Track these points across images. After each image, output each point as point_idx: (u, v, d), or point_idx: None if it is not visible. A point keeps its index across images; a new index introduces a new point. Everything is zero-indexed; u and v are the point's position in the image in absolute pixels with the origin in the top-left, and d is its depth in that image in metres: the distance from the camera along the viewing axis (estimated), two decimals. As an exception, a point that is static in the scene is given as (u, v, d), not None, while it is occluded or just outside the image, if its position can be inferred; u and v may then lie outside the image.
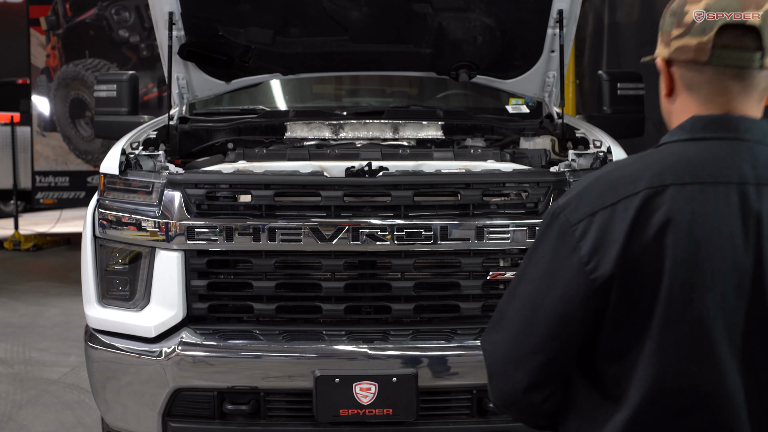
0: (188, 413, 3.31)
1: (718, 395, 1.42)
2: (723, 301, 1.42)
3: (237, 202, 3.34)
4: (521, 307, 1.53)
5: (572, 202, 1.52)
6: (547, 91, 4.43)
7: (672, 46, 1.55)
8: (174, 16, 4.08)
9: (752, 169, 1.46)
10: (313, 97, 5.19)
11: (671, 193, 1.44)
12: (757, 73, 1.50)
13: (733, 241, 1.43)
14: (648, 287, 1.43)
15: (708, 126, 1.51)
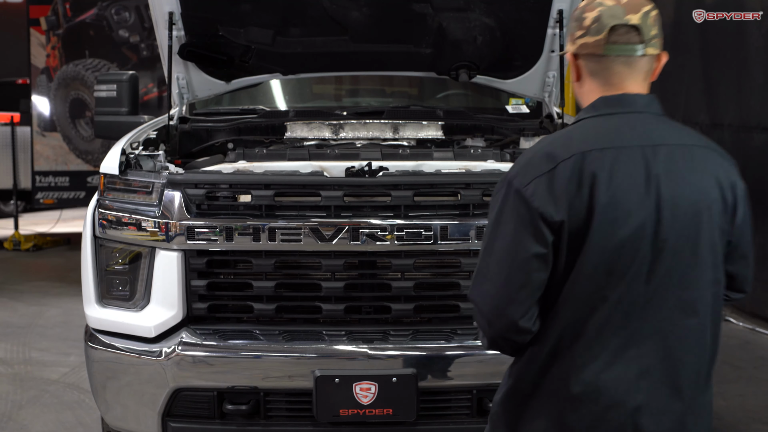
0: (188, 413, 3.32)
1: (623, 296, 1.91)
2: (631, 235, 1.90)
3: (237, 202, 3.35)
4: (502, 258, 1.94)
5: (520, 171, 1.96)
6: (547, 91, 4.43)
7: (576, 44, 2.04)
8: (174, 16, 4.08)
9: (646, 134, 1.96)
10: (313, 97, 5.19)
11: (594, 156, 1.91)
12: (640, 59, 2.00)
13: (638, 189, 1.91)
14: (582, 226, 1.90)
15: (612, 104, 2.00)
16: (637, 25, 1.97)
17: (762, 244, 6.39)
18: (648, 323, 1.93)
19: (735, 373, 5.57)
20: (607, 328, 1.93)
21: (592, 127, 1.99)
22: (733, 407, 4.93)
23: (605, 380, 1.92)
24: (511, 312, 1.93)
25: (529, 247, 1.91)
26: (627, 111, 2.00)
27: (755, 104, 6.43)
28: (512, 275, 1.93)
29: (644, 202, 1.91)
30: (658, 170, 1.93)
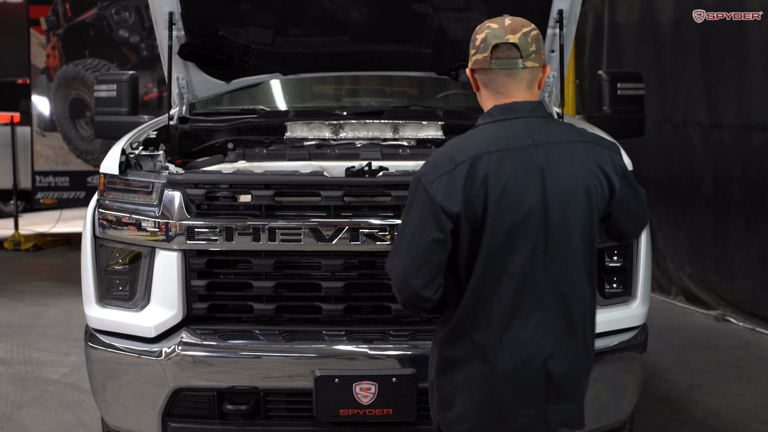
0: (188, 413, 3.32)
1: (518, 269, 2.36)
2: (523, 219, 2.34)
3: (237, 202, 3.34)
4: (410, 239, 2.39)
5: (428, 170, 2.39)
6: (547, 91, 4.42)
7: (471, 60, 2.47)
8: (174, 16, 4.08)
9: (530, 136, 2.39)
10: (313, 97, 5.19)
11: (485, 159, 2.34)
12: (521, 71, 2.43)
13: (526, 183, 2.34)
14: (480, 215, 2.34)
15: (503, 112, 2.43)
16: (516, 43, 2.42)
17: (762, 244, 6.39)
18: (547, 289, 2.39)
19: (735, 373, 5.57)
20: (515, 297, 2.37)
21: (487, 132, 2.41)
22: (733, 407, 4.94)
23: (521, 340, 2.39)
24: (414, 284, 2.39)
25: (430, 233, 2.36)
26: (516, 117, 2.42)
27: (755, 104, 6.43)
28: (416, 255, 2.38)
29: (532, 191, 2.35)
30: (542, 165, 2.36)
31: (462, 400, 2.45)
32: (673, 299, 7.49)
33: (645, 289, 3.53)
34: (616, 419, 3.48)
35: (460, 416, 2.46)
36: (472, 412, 2.44)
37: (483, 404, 2.43)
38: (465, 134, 2.45)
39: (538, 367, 2.40)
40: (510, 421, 2.43)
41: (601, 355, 3.37)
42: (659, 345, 6.09)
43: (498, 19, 2.48)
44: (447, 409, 2.49)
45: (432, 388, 2.53)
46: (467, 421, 2.45)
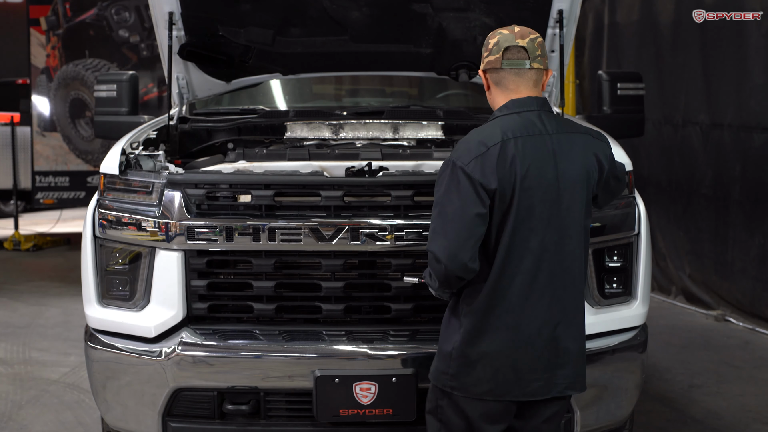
0: (188, 413, 3.32)
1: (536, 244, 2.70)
2: (544, 195, 2.69)
3: (237, 202, 3.34)
4: (453, 218, 2.65)
5: (461, 155, 2.69)
6: (547, 91, 4.42)
7: (484, 62, 2.83)
8: (174, 16, 4.08)
9: (544, 126, 2.75)
10: (313, 97, 5.19)
11: (512, 143, 2.68)
12: (528, 71, 2.79)
13: (544, 167, 2.69)
14: (509, 193, 2.66)
15: (519, 105, 2.77)
16: (525, 47, 2.77)
17: (762, 244, 6.39)
18: (558, 264, 2.73)
19: (735, 373, 5.57)
20: (533, 271, 2.70)
21: (509, 121, 2.74)
22: (733, 407, 4.94)
23: (537, 311, 2.72)
24: (462, 257, 2.65)
25: (473, 208, 2.64)
26: (531, 109, 2.77)
27: (755, 104, 6.43)
28: (461, 230, 2.65)
29: (548, 174, 2.70)
30: (557, 150, 2.72)
31: (483, 365, 2.73)
32: (673, 299, 7.49)
33: (645, 289, 3.53)
34: (616, 419, 3.48)
35: (479, 379, 2.74)
36: (491, 375, 2.73)
37: (502, 368, 2.73)
38: (488, 123, 2.77)
39: (549, 335, 2.75)
40: (525, 384, 2.75)
41: (601, 355, 3.37)
42: (659, 345, 6.09)
43: (508, 27, 2.82)
44: (467, 374, 2.76)
45: (450, 357, 2.78)
46: (487, 383, 2.74)
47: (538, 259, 2.71)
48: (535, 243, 2.70)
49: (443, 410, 2.84)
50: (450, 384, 2.79)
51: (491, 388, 2.75)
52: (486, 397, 2.76)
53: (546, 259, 2.72)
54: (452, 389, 2.79)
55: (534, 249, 2.70)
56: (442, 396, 2.83)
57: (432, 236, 2.71)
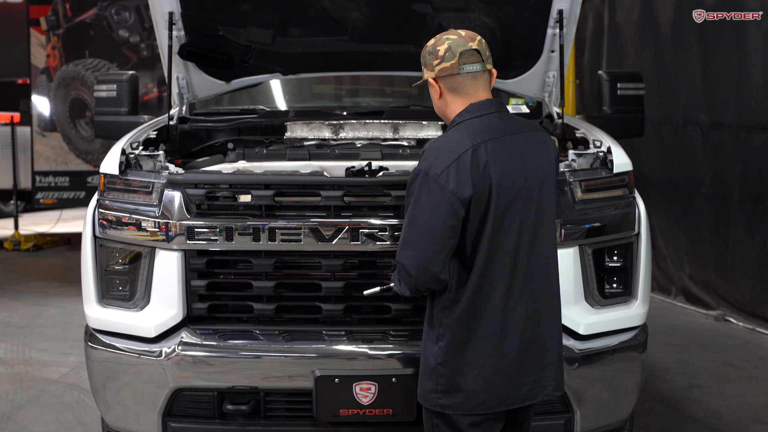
0: (188, 413, 3.32)
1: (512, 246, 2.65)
2: (516, 195, 2.64)
3: (237, 202, 3.34)
4: (424, 230, 2.59)
5: (432, 164, 2.60)
6: (547, 91, 4.43)
7: (436, 70, 2.76)
8: (174, 16, 4.08)
9: (507, 126, 2.71)
10: (313, 97, 5.19)
11: (482, 147, 2.62)
12: (483, 73, 2.77)
13: (515, 167, 2.65)
14: (485, 196, 2.60)
15: (480, 108, 2.73)
16: (477, 49, 2.74)
17: (762, 244, 6.39)
18: (533, 262, 2.70)
19: (735, 373, 5.57)
20: (511, 272, 2.66)
21: (474, 125, 2.68)
22: (733, 407, 4.94)
23: (519, 312, 2.68)
24: (433, 269, 2.60)
25: (446, 221, 2.57)
26: (491, 111, 2.73)
27: (755, 104, 6.43)
28: (433, 243, 2.59)
29: (518, 174, 2.66)
30: (523, 150, 2.69)
31: (473, 376, 2.67)
32: (673, 299, 7.49)
33: (645, 289, 3.53)
34: (616, 419, 3.48)
35: (471, 393, 2.67)
36: (483, 386, 2.67)
37: (493, 376, 2.68)
38: (452, 130, 2.71)
39: (531, 336, 2.72)
40: (516, 389, 2.71)
41: (601, 355, 3.37)
42: (659, 345, 6.09)
43: (451, 32, 2.79)
44: (457, 390, 2.68)
45: (435, 372, 2.71)
46: (479, 395, 2.68)
47: (514, 260, 2.67)
48: (509, 244, 2.65)
49: (440, 430, 2.80)
50: (440, 402, 2.73)
51: (483, 399, 2.69)
52: (478, 411, 2.70)
53: (522, 259, 2.68)
54: (443, 408, 2.72)
55: (510, 251, 2.66)
56: (435, 416, 2.78)
57: (402, 248, 2.65)
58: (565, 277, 3.33)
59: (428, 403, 2.75)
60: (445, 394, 2.70)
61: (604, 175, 3.49)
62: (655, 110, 7.43)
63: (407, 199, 2.67)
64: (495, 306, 2.66)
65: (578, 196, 3.38)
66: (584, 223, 3.36)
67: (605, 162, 3.54)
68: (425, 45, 2.82)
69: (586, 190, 3.41)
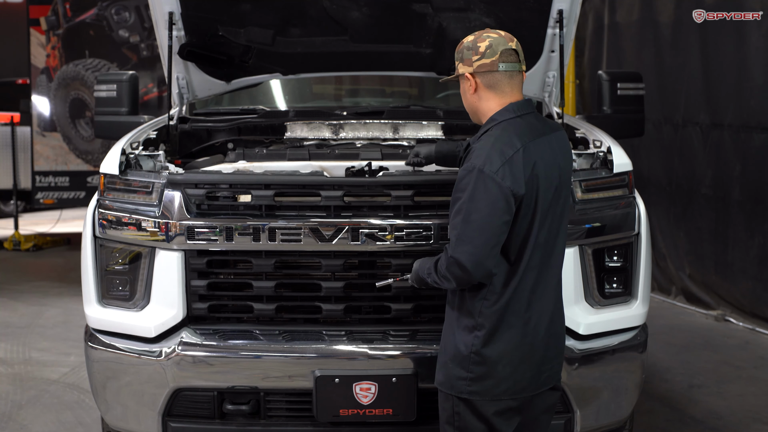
0: (188, 413, 3.32)
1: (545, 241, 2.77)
2: (554, 193, 2.76)
3: (237, 202, 3.34)
4: (480, 225, 2.64)
5: (486, 162, 2.66)
6: (547, 91, 4.43)
7: (475, 65, 2.81)
8: (174, 16, 4.08)
9: (544, 127, 2.82)
10: (313, 97, 5.19)
11: (531, 147, 2.71)
12: (519, 74, 2.83)
13: (553, 166, 2.76)
14: (534, 195, 2.71)
15: (520, 108, 2.80)
16: (516, 50, 2.81)
17: (762, 244, 6.39)
18: (556, 256, 2.84)
19: (735, 373, 5.57)
20: (541, 266, 2.76)
21: (518, 125, 2.76)
22: (733, 407, 4.94)
23: (542, 303, 2.79)
24: (488, 264, 2.67)
25: (501, 216, 2.64)
26: (530, 112, 2.81)
27: (755, 104, 6.43)
28: (489, 237, 2.65)
29: (555, 172, 2.76)
30: (555, 149, 2.78)
31: (504, 364, 2.75)
32: (673, 299, 7.49)
33: (645, 289, 3.53)
34: (616, 419, 3.48)
35: (500, 380, 2.75)
36: (511, 373, 2.76)
37: (520, 365, 2.76)
38: (498, 129, 2.76)
39: (549, 325, 2.83)
40: (539, 375, 2.82)
41: (601, 355, 3.37)
42: (659, 345, 6.09)
43: (491, 31, 2.84)
44: (488, 376, 2.76)
45: (468, 360, 2.76)
46: (506, 381, 2.76)
47: (544, 254, 2.78)
48: (542, 239, 2.76)
49: (461, 417, 2.80)
50: (468, 389, 2.76)
51: (509, 386, 2.76)
52: (503, 396, 2.77)
53: (549, 253, 2.80)
54: (470, 394, 2.76)
55: (541, 245, 2.76)
56: (458, 403, 2.79)
57: (457, 243, 2.67)
58: (565, 277, 3.33)
59: (454, 390, 2.79)
60: (475, 381, 2.76)
61: (604, 175, 3.49)
62: (655, 110, 7.42)
63: (456, 194, 2.71)
64: (528, 297, 2.76)
65: (578, 196, 3.38)
66: (584, 223, 3.36)
67: (605, 162, 3.54)
68: (462, 41, 2.86)
69: (586, 190, 3.41)
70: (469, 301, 2.78)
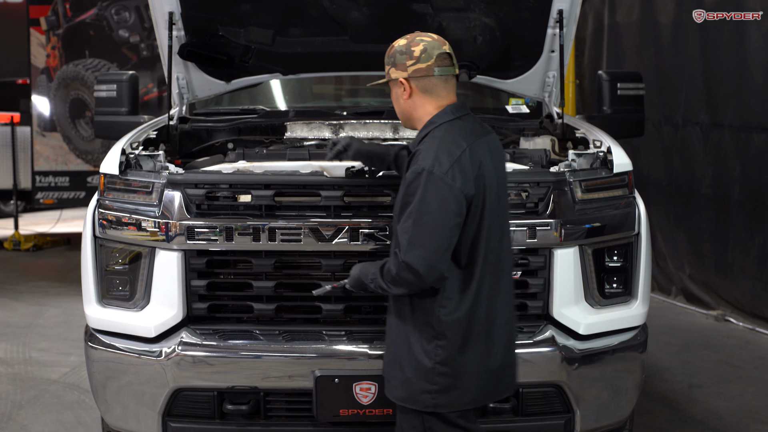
0: (188, 413, 3.32)
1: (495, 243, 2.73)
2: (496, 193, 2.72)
3: (237, 202, 3.34)
4: (432, 228, 2.58)
5: (435, 163, 2.61)
6: (547, 91, 4.43)
7: (409, 70, 2.78)
8: (174, 16, 4.08)
9: (481, 127, 2.80)
10: (313, 97, 5.19)
11: (475, 146, 2.69)
12: (452, 77, 2.82)
13: (492, 166, 2.73)
14: (482, 195, 2.66)
15: (458, 110, 2.79)
16: (450, 53, 2.80)
17: (762, 244, 6.39)
18: (506, 260, 2.80)
19: (735, 373, 5.57)
20: (494, 269, 2.72)
21: (460, 126, 2.74)
22: (733, 407, 4.93)
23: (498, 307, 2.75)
24: (440, 267, 2.61)
25: (453, 218, 2.59)
26: (467, 113, 2.80)
27: (755, 104, 6.43)
28: (441, 240, 2.59)
29: (493, 173, 2.73)
30: (493, 150, 2.78)
31: (470, 374, 2.70)
32: (673, 299, 7.48)
33: (645, 289, 3.53)
34: (616, 419, 3.48)
35: (465, 390, 2.70)
36: (476, 382, 2.71)
37: (485, 372, 2.73)
38: (440, 131, 2.72)
39: (510, 331, 2.81)
40: (501, 381, 2.79)
41: (601, 355, 3.37)
42: (659, 345, 6.09)
43: (423, 34, 2.83)
44: (454, 388, 2.70)
45: (433, 372, 2.69)
46: (472, 391, 2.72)
47: (496, 257, 2.74)
48: (493, 241, 2.72)
49: (434, 430, 2.76)
50: (434, 402, 2.70)
51: (475, 395, 2.73)
52: (469, 406, 2.74)
53: (499, 255, 2.76)
54: (436, 407, 2.70)
55: (493, 248, 2.72)
56: (429, 418, 2.73)
57: (409, 247, 2.60)
58: (566, 277, 3.34)
59: (419, 404, 2.71)
60: (441, 393, 2.68)
61: (604, 175, 3.49)
62: (655, 110, 7.42)
63: (405, 198, 2.65)
64: (487, 303, 2.71)
65: (578, 196, 3.38)
66: (584, 223, 3.36)
67: (605, 162, 3.54)
68: (392, 44, 2.82)
69: (586, 190, 3.41)
70: (425, 310, 2.70)
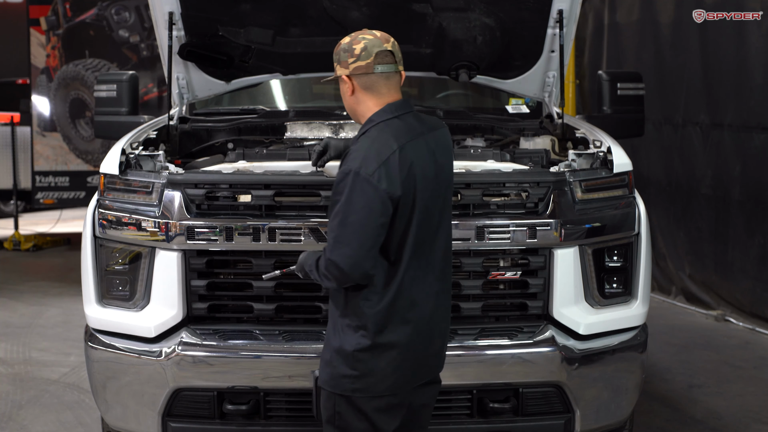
0: (188, 413, 3.32)
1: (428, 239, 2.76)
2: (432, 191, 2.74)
3: (237, 202, 3.34)
4: (357, 228, 2.62)
5: (362, 164, 2.63)
6: (547, 91, 4.42)
7: (350, 68, 2.78)
8: (174, 16, 4.08)
9: (421, 126, 2.80)
10: (313, 97, 5.19)
11: (407, 147, 2.70)
12: (395, 74, 2.80)
13: (430, 165, 2.74)
14: (411, 196, 2.68)
15: (397, 108, 2.79)
16: (392, 50, 2.79)
17: (762, 244, 6.39)
18: (442, 252, 2.82)
19: (735, 373, 5.57)
20: (427, 262, 2.76)
21: (396, 125, 2.75)
22: (733, 407, 4.93)
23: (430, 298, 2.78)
24: (365, 266, 2.66)
25: (377, 219, 2.63)
26: (408, 111, 2.80)
27: (755, 104, 6.43)
28: (365, 240, 2.63)
29: (433, 171, 2.75)
30: (433, 148, 2.79)
31: (387, 361, 2.73)
32: (673, 299, 7.48)
33: (645, 289, 3.53)
34: (616, 419, 3.48)
35: (383, 376, 2.74)
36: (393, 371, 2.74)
37: (404, 361, 2.75)
38: (375, 130, 2.74)
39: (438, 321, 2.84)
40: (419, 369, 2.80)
41: (601, 355, 3.37)
42: (659, 345, 6.09)
43: (367, 32, 2.82)
44: (370, 374, 2.73)
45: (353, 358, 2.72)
46: (389, 378, 2.74)
47: (429, 251, 2.77)
48: (427, 239, 2.75)
49: (342, 416, 2.79)
50: (352, 387, 2.74)
51: (392, 382, 2.75)
52: (385, 393, 2.75)
53: (435, 250, 2.79)
54: (353, 392, 2.74)
55: (426, 244, 2.75)
56: (340, 401, 2.78)
57: (334, 246, 2.66)
58: (566, 277, 3.34)
59: (338, 388, 2.77)
60: (358, 379, 2.74)
61: (604, 175, 3.49)
62: (655, 110, 7.42)
63: (334, 197, 2.69)
64: (410, 296, 2.74)
65: (578, 196, 3.38)
66: (584, 223, 3.36)
67: (605, 162, 3.54)
68: (339, 42, 2.83)
69: (586, 190, 3.41)
70: (352, 301, 2.76)
